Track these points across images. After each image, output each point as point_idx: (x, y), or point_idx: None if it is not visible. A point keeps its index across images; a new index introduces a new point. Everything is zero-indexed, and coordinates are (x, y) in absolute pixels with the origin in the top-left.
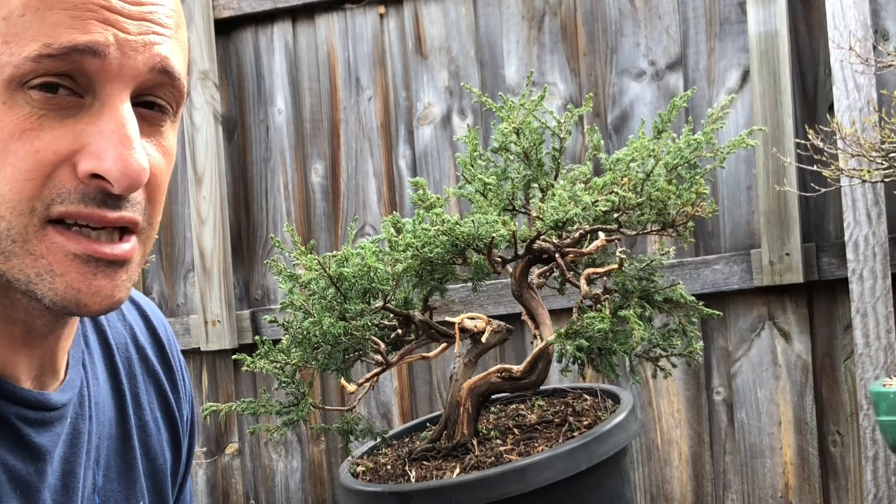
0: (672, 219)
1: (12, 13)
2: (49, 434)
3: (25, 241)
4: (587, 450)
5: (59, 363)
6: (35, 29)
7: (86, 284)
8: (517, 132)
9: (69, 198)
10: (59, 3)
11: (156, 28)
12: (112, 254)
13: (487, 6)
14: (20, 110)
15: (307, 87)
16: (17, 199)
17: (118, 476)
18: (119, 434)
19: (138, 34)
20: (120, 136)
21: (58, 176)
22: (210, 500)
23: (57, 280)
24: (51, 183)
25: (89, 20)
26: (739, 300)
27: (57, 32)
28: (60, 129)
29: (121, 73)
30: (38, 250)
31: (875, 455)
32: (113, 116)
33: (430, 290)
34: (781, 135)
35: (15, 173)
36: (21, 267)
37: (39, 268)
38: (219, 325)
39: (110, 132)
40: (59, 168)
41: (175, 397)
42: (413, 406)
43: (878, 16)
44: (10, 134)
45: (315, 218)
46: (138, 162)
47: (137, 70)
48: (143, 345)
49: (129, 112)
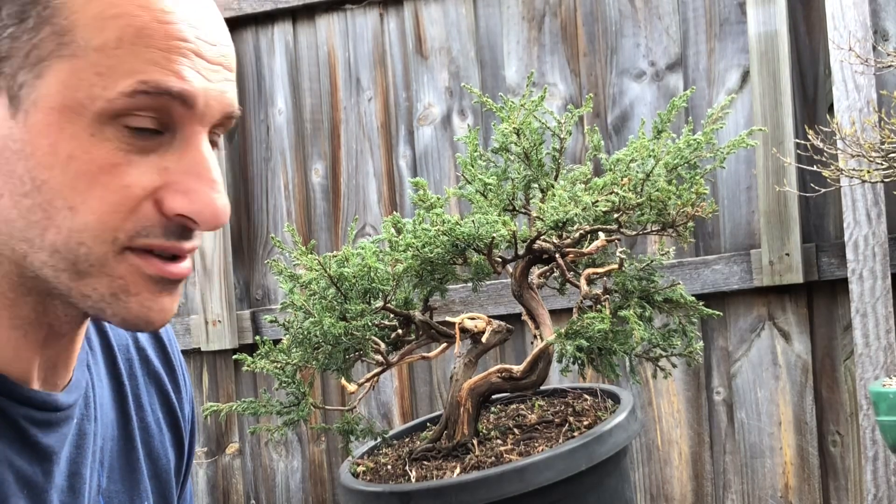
0: (672, 219)
1: (107, 45)
2: (56, 435)
3: (103, 265)
4: (587, 450)
5: (71, 364)
6: (131, 64)
7: (156, 303)
8: (517, 132)
9: (153, 232)
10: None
11: (228, 74)
12: (179, 273)
13: (487, 6)
14: (109, 144)
15: (307, 87)
16: (102, 229)
17: (121, 477)
18: (121, 435)
19: (217, 82)
20: (208, 179)
21: (142, 210)
22: (210, 499)
23: (132, 300)
24: (134, 217)
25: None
26: (739, 300)
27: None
28: (146, 165)
29: (203, 119)
30: (116, 272)
31: (875, 455)
32: (196, 157)
33: (431, 290)
34: (781, 135)
35: (102, 205)
36: (95, 286)
37: (116, 288)
38: (219, 326)
39: (196, 173)
40: (143, 202)
41: (177, 397)
42: (413, 406)
43: (878, 16)
44: (99, 167)
45: (315, 218)
46: (225, 206)
47: (214, 117)
48: (145, 346)
49: (209, 152)
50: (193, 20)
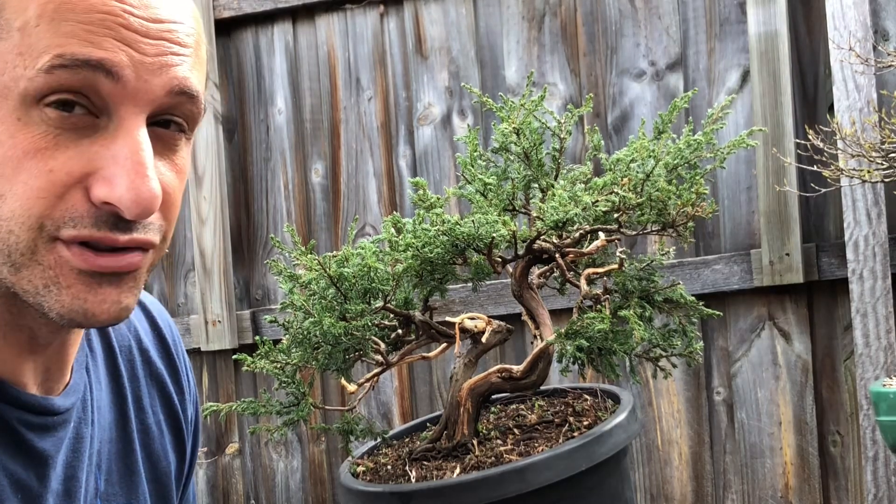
0: (672, 219)
1: (28, 24)
2: (52, 439)
3: (34, 253)
4: (587, 450)
5: (66, 368)
6: (48, 39)
7: (91, 294)
8: (517, 132)
9: (81, 222)
10: (74, 16)
11: (175, 48)
12: (116, 265)
13: (487, 6)
14: (35, 128)
15: (307, 87)
16: (27, 215)
17: (119, 480)
18: (119, 438)
19: (155, 55)
20: (133, 163)
21: (70, 198)
22: (210, 499)
23: (63, 292)
24: (62, 204)
25: (105, 37)
26: (739, 300)
27: (70, 44)
28: (75, 150)
29: (136, 95)
30: (46, 261)
31: (875, 455)
32: (127, 141)
33: (431, 290)
34: (781, 135)
35: (27, 191)
36: (30, 278)
37: (47, 279)
38: (219, 325)
39: (124, 158)
40: (71, 189)
41: (179, 398)
42: (413, 406)
43: (878, 16)
44: (24, 151)
45: (315, 218)
46: (151, 190)
47: (154, 94)
48: (147, 347)
49: (144, 137)
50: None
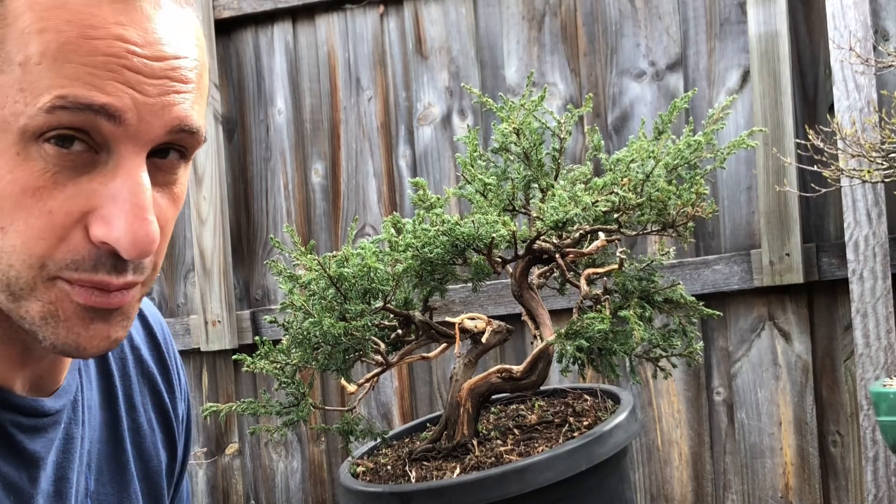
0: (672, 219)
1: (29, 60)
2: (43, 440)
3: (33, 290)
4: (587, 450)
5: (59, 375)
6: (50, 80)
7: (84, 328)
8: (517, 132)
9: (83, 265)
10: (77, 57)
11: (177, 86)
12: (110, 304)
13: (487, 6)
14: (34, 164)
15: (307, 87)
16: (29, 254)
17: (111, 479)
18: (110, 437)
19: (157, 96)
20: (132, 206)
21: (71, 239)
22: (210, 500)
23: (60, 325)
24: (64, 245)
25: (108, 80)
26: (739, 300)
27: (72, 85)
28: (73, 189)
29: (137, 136)
30: (45, 297)
31: (875, 455)
32: (126, 182)
33: (431, 290)
34: (781, 135)
35: (28, 230)
36: (28, 308)
37: (45, 312)
38: (219, 326)
39: (122, 199)
40: (71, 231)
41: (170, 396)
42: (413, 406)
43: (879, 16)
44: (22, 189)
45: (315, 218)
46: (149, 235)
47: (154, 133)
48: (138, 345)
49: (144, 178)
50: (129, 34)
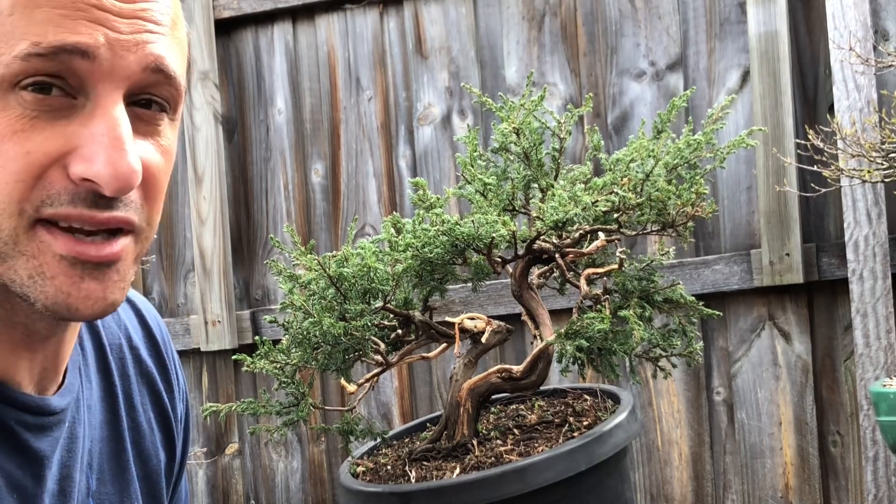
0: (672, 219)
1: (2, 12)
2: (48, 439)
3: (16, 243)
4: (587, 450)
5: (61, 367)
6: (23, 27)
7: (75, 288)
8: (517, 132)
9: (59, 199)
10: (47, 2)
11: (149, 26)
12: (98, 255)
13: (487, 6)
14: (12, 111)
15: (307, 87)
16: (7, 200)
17: (111, 479)
18: (111, 437)
19: (130, 33)
20: (111, 139)
21: (48, 178)
22: (210, 500)
23: (48, 283)
24: (41, 185)
25: (79, 19)
26: (739, 300)
27: (45, 31)
28: (51, 131)
29: (112, 73)
30: (29, 250)
31: (875, 455)
32: (104, 118)
33: (430, 290)
34: (781, 135)
35: (4, 175)
36: (16, 268)
37: (31, 269)
38: (219, 326)
39: (101, 134)
40: (49, 170)
41: (169, 396)
42: (413, 406)
43: (878, 16)
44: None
45: (315, 218)
46: (129, 165)
47: (130, 70)
48: (137, 345)
49: (121, 113)
50: None
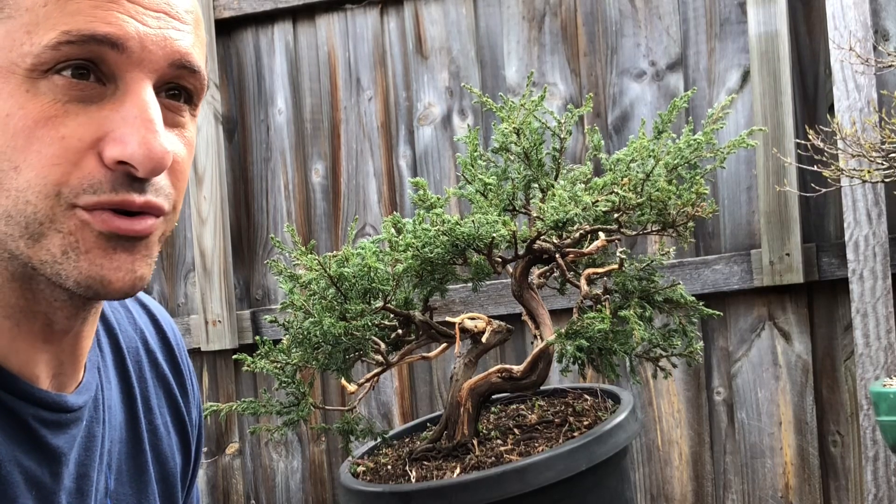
0: (672, 219)
1: (35, 3)
2: (65, 436)
3: (52, 221)
4: (587, 450)
5: (79, 364)
6: (55, 18)
7: (107, 259)
8: (517, 132)
9: (101, 188)
10: None
11: (174, 23)
12: (131, 229)
13: (488, 6)
14: (44, 97)
15: (307, 87)
16: (44, 183)
17: (129, 480)
18: (130, 438)
19: (158, 28)
20: (143, 121)
21: (85, 165)
22: (210, 499)
23: (81, 258)
24: (78, 171)
25: (110, 11)
26: (739, 300)
27: (77, 21)
28: (85, 116)
29: (141, 63)
30: (65, 227)
31: (875, 455)
32: (135, 102)
33: (431, 290)
34: (781, 135)
35: (41, 159)
36: (48, 247)
37: (66, 245)
38: (219, 325)
39: (133, 117)
40: (85, 156)
41: (184, 400)
42: (413, 406)
43: (879, 16)
44: (34, 120)
45: (315, 218)
46: (161, 145)
47: (157, 63)
48: (154, 348)
49: (151, 97)
50: None
